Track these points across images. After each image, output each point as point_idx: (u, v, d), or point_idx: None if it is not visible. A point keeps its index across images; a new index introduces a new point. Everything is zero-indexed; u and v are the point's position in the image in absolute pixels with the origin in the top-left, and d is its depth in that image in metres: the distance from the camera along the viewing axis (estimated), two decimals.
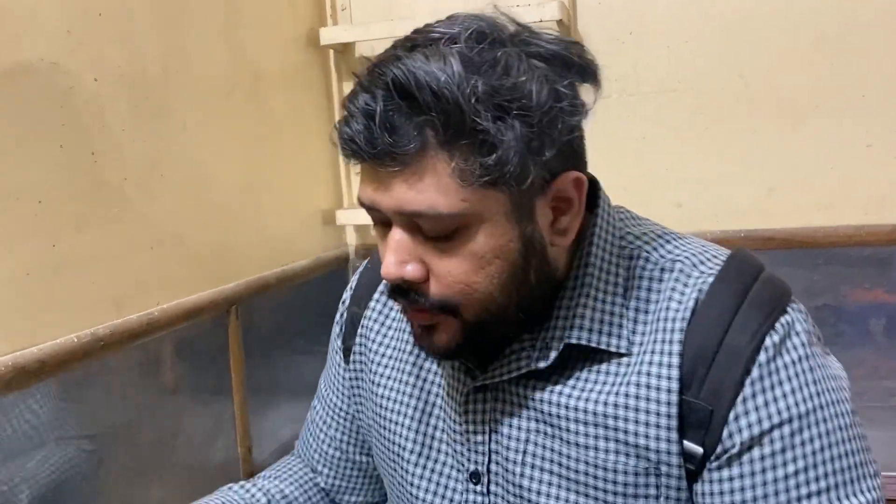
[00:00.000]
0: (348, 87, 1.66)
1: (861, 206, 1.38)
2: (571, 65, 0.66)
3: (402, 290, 0.67)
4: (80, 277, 0.95)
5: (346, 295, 0.93)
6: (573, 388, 0.71)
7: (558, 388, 0.71)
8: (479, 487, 0.76)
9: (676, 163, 1.45)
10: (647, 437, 0.67)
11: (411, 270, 0.66)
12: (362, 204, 0.67)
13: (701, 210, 1.45)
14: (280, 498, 0.90)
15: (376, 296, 0.88)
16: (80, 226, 0.95)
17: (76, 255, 0.95)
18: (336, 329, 0.92)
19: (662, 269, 0.71)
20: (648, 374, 0.68)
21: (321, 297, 1.59)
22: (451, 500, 0.78)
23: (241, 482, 0.92)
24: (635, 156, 1.46)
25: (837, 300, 1.41)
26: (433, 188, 0.61)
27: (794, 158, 1.40)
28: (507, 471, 0.74)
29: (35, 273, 0.89)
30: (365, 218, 1.63)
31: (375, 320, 0.87)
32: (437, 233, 0.64)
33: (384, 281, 0.87)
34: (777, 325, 0.66)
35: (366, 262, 0.94)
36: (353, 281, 0.93)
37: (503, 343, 0.72)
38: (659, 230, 0.76)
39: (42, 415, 0.89)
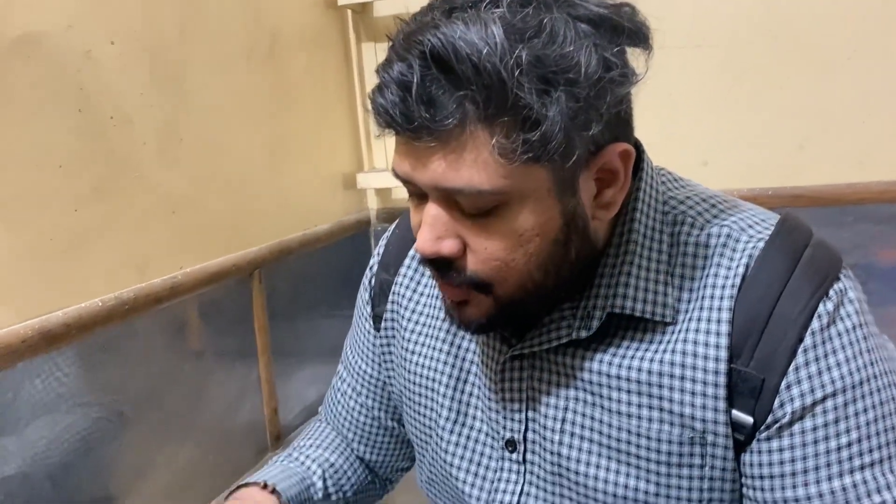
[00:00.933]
0: (367, 48, 1.64)
1: (893, 161, 1.34)
2: (621, 29, 0.61)
3: (437, 265, 0.66)
4: (103, 242, 0.95)
5: (374, 261, 0.92)
6: (615, 355, 0.69)
7: (599, 355, 0.70)
8: (514, 455, 0.76)
9: (703, 120, 1.42)
10: (692, 405, 0.66)
11: (447, 246, 0.64)
12: (397, 176, 0.65)
13: (728, 168, 1.42)
14: (328, 466, 0.90)
15: (407, 261, 0.86)
16: (101, 191, 0.95)
17: (98, 219, 0.95)
18: (365, 296, 0.91)
19: (709, 235, 0.69)
20: (695, 343, 0.66)
21: (343, 261, 1.59)
22: (487, 468, 0.78)
23: (289, 453, 0.91)
24: (660, 113, 1.43)
25: (868, 259, 1.38)
26: (472, 165, 0.59)
27: (825, 113, 1.36)
28: (544, 439, 0.73)
29: (58, 238, 0.89)
30: (385, 181, 1.65)
31: (407, 287, 0.86)
32: (476, 209, 0.62)
33: (415, 246, 0.87)
34: (831, 293, 0.64)
35: (392, 226, 0.93)
36: (380, 246, 0.92)
37: (540, 313, 0.71)
38: (704, 193, 0.73)
39: (69, 379, 0.90)
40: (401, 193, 1.70)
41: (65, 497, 0.89)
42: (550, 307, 0.71)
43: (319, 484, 0.88)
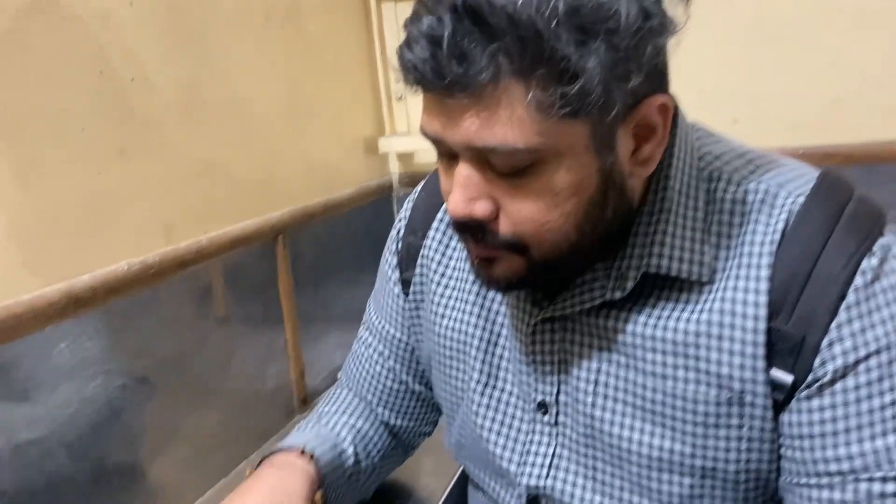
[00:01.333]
0: (387, 7, 1.61)
1: None
2: None
3: (469, 228, 0.64)
4: (127, 205, 0.95)
5: (400, 224, 0.90)
6: (650, 316, 0.68)
7: (633, 316, 0.68)
8: (546, 418, 0.75)
9: (733, 76, 1.38)
10: (730, 365, 0.64)
11: (480, 209, 0.62)
12: (426, 136, 0.62)
13: (758, 126, 1.38)
14: (356, 433, 0.89)
15: (435, 224, 0.85)
16: (124, 153, 0.94)
17: (122, 182, 0.94)
18: (392, 260, 0.90)
19: (746, 192, 0.67)
20: (733, 301, 0.64)
21: (366, 226, 1.58)
22: (518, 430, 0.77)
23: (317, 419, 0.90)
24: (689, 69, 1.38)
25: None
26: (507, 122, 0.57)
27: (860, 68, 1.32)
28: (577, 401, 0.72)
29: (82, 201, 0.88)
30: (407, 146, 1.63)
31: (436, 250, 0.84)
32: (510, 169, 0.60)
33: (443, 209, 0.85)
34: (875, 248, 0.62)
35: (418, 189, 0.91)
36: (406, 210, 0.90)
37: (573, 273, 0.69)
38: (739, 149, 0.71)
39: (96, 343, 0.90)
40: (423, 158, 1.68)
41: (94, 460, 0.89)
42: (584, 268, 0.69)
43: (350, 450, 0.87)
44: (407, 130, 1.67)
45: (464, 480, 1.07)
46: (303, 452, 0.79)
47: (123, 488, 0.93)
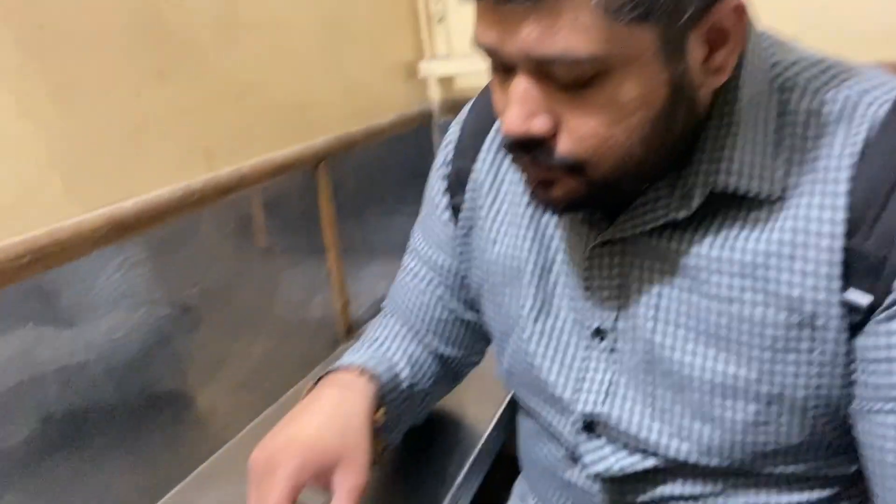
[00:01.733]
0: None
1: None
2: None
3: (525, 147, 0.60)
4: (167, 130, 0.92)
5: (448, 147, 0.86)
6: (716, 236, 0.64)
7: (698, 237, 0.65)
8: (603, 344, 0.72)
9: None
10: (802, 287, 0.61)
11: (539, 125, 0.58)
12: (480, 47, 0.58)
13: (822, 40, 1.30)
14: (409, 357, 0.88)
15: (486, 145, 0.81)
16: (162, 75, 0.91)
17: (161, 106, 0.91)
18: (440, 185, 0.87)
19: (823, 102, 0.62)
20: (807, 219, 0.60)
21: (406, 154, 1.55)
22: (574, 358, 0.75)
23: (369, 344, 0.89)
24: None
25: None
26: (570, 28, 0.52)
27: None
28: (636, 327, 0.69)
29: (122, 125, 0.86)
30: (448, 69, 1.58)
31: (487, 172, 0.81)
32: (572, 81, 0.55)
33: (494, 129, 0.81)
34: None
35: (465, 110, 0.87)
36: (453, 132, 0.87)
37: (635, 192, 0.66)
38: (813, 57, 0.65)
39: (141, 271, 0.89)
40: (464, 83, 1.63)
41: (142, 386, 0.90)
42: (647, 187, 0.65)
43: (404, 374, 0.86)
44: (447, 53, 1.61)
45: (512, 407, 1.06)
46: (362, 371, 0.77)
47: (172, 414, 0.94)
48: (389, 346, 0.88)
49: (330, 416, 0.72)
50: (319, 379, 0.80)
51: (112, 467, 0.85)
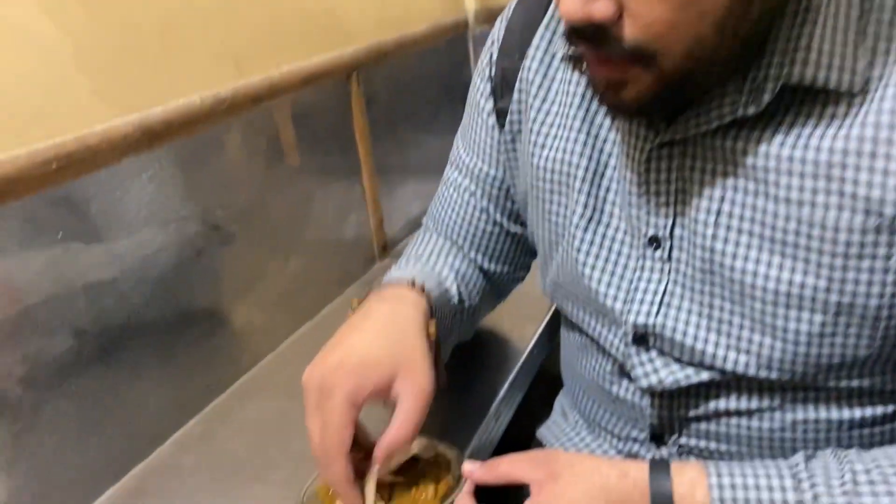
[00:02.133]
0: None
1: None
2: None
3: (586, 35, 0.55)
4: (196, 33, 0.88)
5: (493, 47, 0.81)
6: (787, 134, 0.59)
7: (767, 135, 0.60)
8: (658, 253, 0.68)
9: None
10: (883, 187, 0.56)
11: (600, 8, 0.53)
12: None
13: None
14: (455, 273, 0.84)
15: (535, 42, 0.76)
16: None
17: (190, 7, 0.87)
18: (485, 88, 0.82)
19: None
20: (892, 113, 0.55)
21: (441, 68, 1.49)
22: (625, 268, 0.71)
23: (414, 261, 0.86)
24: None
25: None
26: None
27: None
28: (695, 234, 0.65)
29: (151, 27, 0.82)
30: None
31: (536, 71, 0.76)
32: None
33: (543, 25, 0.76)
34: None
35: (511, 6, 0.81)
36: (499, 30, 0.81)
37: (707, 87, 0.60)
38: None
39: (172, 182, 0.86)
40: None
41: (177, 301, 0.88)
42: (717, 81, 0.60)
43: (453, 289, 0.82)
44: None
45: (553, 325, 1.04)
46: (413, 285, 0.74)
47: (207, 329, 0.93)
48: (436, 262, 0.84)
49: (382, 330, 0.69)
50: (370, 292, 0.77)
51: (148, 381, 0.84)
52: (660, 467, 0.62)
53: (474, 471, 0.67)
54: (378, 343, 0.67)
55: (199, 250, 0.91)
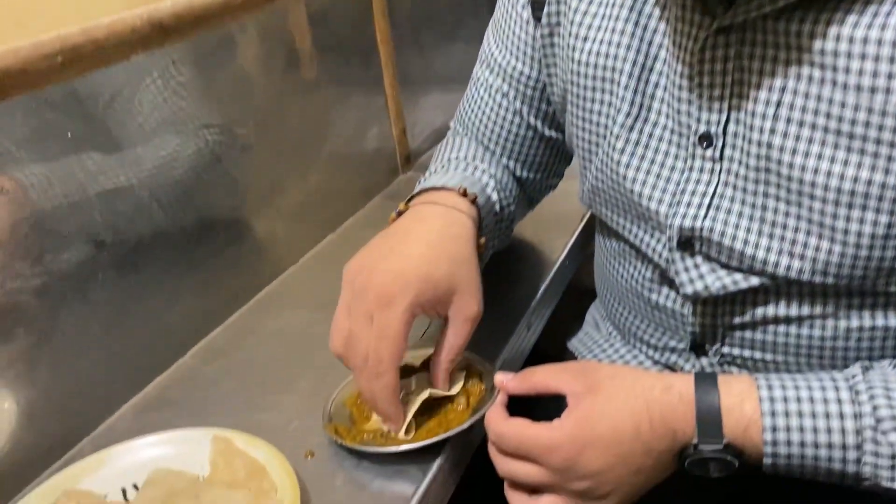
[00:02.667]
0: None
1: None
2: None
3: None
4: None
5: None
6: (861, 13, 0.53)
7: (839, 15, 0.54)
8: (709, 152, 0.63)
9: None
10: None
11: None
12: None
13: None
14: (494, 180, 0.80)
15: None
16: None
17: None
18: None
19: None
20: None
21: None
22: (672, 169, 0.66)
23: (447, 167, 0.81)
24: None
25: None
26: None
27: None
28: (751, 129, 0.60)
29: None
30: None
31: None
32: None
33: None
34: None
35: None
36: None
37: None
38: None
39: (183, 88, 0.82)
40: None
41: (195, 211, 0.85)
42: None
43: (494, 195, 0.78)
44: None
45: (584, 236, 1.00)
46: (465, 194, 0.71)
47: (228, 240, 0.90)
48: (476, 168, 0.80)
49: (440, 243, 0.67)
50: (411, 198, 0.74)
51: (170, 291, 0.82)
52: (706, 379, 0.58)
53: (507, 381, 0.64)
54: (437, 255, 0.65)
55: (217, 157, 0.87)
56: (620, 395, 0.59)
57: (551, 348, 0.91)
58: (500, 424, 0.61)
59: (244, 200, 0.93)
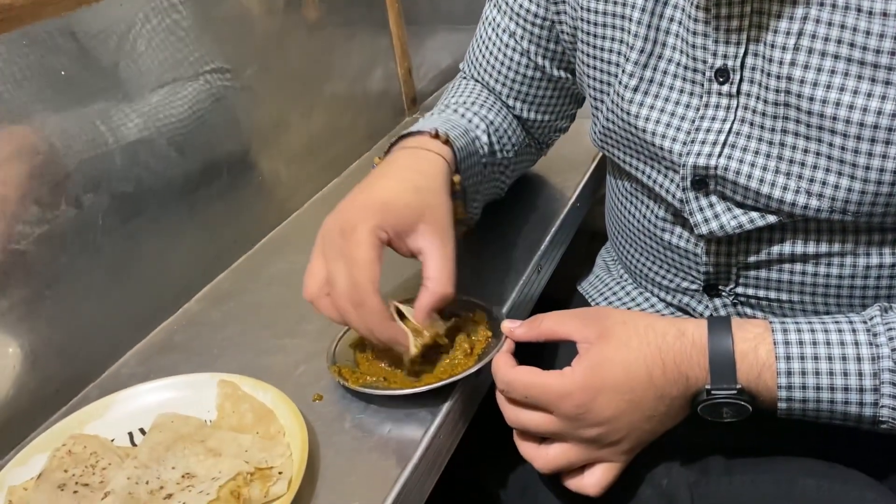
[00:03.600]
0: None
1: None
2: None
3: None
4: None
5: None
6: None
7: None
8: (725, 88, 0.61)
9: None
10: None
11: None
12: None
13: None
14: (487, 123, 0.79)
15: None
16: None
17: None
18: None
19: None
20: None
21: None
22: (686, 107, 0.64)
23: (442, 108, 0.80)
24: None
25: None
26: None
27: None
28: (770, 62, 0.57)
29: None
30: None
31: None
32: None
33: None
34: None
35: None
36: None
37: None
38: None
39: (181, 21, 0.79)
40: None
41: (198, 151, 0.83)
42: None
43: (484, 138, 0.77)
44: None
45: (597, 175, 0.98)
46: (436, 135, 0.69)
47: (231, 183, 0.88)
48: (467, 111, 0.79)
49: (406, 176, 0.65)
50: (392, 144, 0.72)
51: (173, 236, 0.80)
52: (720, 324, 0.57)
53: (515, 329, 0.63)
54: (402, 187, 0.63)
55: (218, 97, 0.85)
56: (633, 342, 0.57)
57: (561, 292, 0.90)
58: (508, 372, 0.59)
59: (246, 144, 0.91)
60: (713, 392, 0.55)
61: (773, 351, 0.55)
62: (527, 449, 0.60)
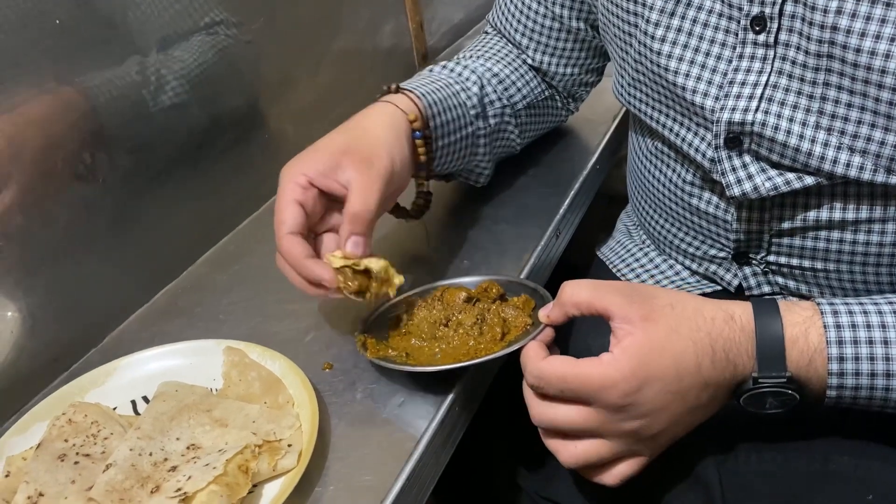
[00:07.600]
0: None
1: None
2: None
3: None
4: None
5: None
6: None
7: None
8: (762, 38, 0.57)
9: None
10: None
11: None
12: None
13: None
14: (490, 77, 0.77)
15: None
16: None
17: None
18: None
19: None
20: None
21: None
22: (718, 58, 0.60)
23: (442, 63, 0.78)
24: None
25: None
26: None
27: None
28: (812, 9, 0.53)
29: None
30: None
31: None
32: None
33: None
34: None
35: None
36: None
37: None
38: None
39: None
40: None
41: (203, 106, 0.79)
42: None
43: (475, 89, 0.74)
44: None
45: (618, 136, 0.94)
46: (397, 89, 0.69)
47: (236, 140, 0.84)
48: (466, 66, 0.77)
49: (344, 127, 0.66)
50: None
51: (178, 198, 0.77)
52: (767, 307, 0.53)
53: (549, 312, 0.57)
54: (335, 135, 0.65)
55: (222, 51, 0.81)
56: (683, 328, 0.51)
57: (579, 258, 0.86)
58: (539, 364, 0.53)
59: (253, 99, 0.88)
60: (760, 380, 0.51)
61: (825, 335, 0.51)
62: (552, 442, 0.55)
